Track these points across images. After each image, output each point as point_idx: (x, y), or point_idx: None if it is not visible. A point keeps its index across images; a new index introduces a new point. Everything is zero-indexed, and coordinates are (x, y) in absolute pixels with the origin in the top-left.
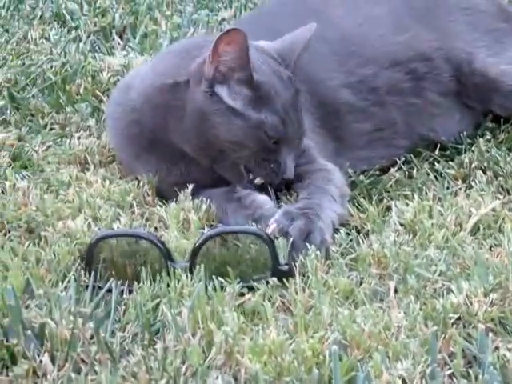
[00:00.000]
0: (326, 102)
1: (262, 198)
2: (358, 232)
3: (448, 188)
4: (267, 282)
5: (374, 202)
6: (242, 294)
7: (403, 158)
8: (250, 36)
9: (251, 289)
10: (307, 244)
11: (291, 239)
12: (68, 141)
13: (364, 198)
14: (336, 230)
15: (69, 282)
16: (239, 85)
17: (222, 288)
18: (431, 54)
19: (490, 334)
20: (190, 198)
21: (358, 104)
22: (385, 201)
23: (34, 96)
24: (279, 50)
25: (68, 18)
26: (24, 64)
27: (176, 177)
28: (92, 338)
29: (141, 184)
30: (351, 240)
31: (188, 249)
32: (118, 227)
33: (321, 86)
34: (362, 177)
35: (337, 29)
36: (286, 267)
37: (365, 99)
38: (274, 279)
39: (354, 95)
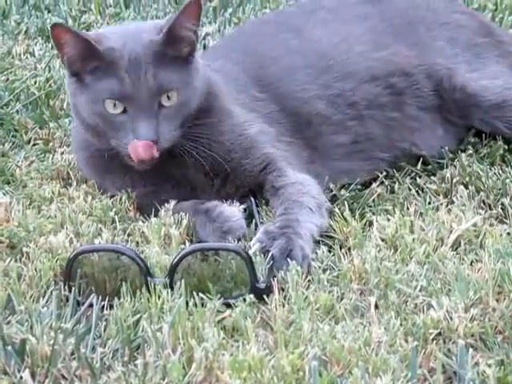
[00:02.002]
0: (298, 112)
1: (230, 211)
2: (341, 247)
3: (430, 203)
4: (244, 300)
5: (356, 217)
6: (222, 311)
7: (385, 173)
8: (231, 55)
9: (229, 305)
10: (288, 260)
11: (271, 256)
12: (51, 156)
13: (345, 211)
14: (317, 244)
15: (50, 297)
16: (89, 62)
17: (203, 304)
18: (411, 69)
19: (470, 350)
20: (170, 213)
21: (335, 117)
22: (367, 215)
23: (17, 111)
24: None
25: None
26: (8, 79)
27: (141, 187)
28: (73, 353)
29: (123, 199)
30: (333, 255)
31: (169, 264)
32: (99, 243)
33: (291, 97)
34: (343, 191)
35: (315, 45)
36: (263, 285)
37: (342, 113)
38: (252, 296)
39: (330, 108)
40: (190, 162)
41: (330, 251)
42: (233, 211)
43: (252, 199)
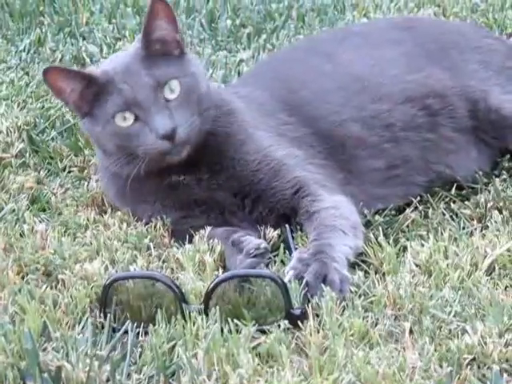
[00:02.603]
0: (331, 135)
1: (253, 244)
2: (375, 272)
3: (464, 228)
4: (279, 326)
5: (390, 243)
6: (257, 337)
7: (419, 198)
8: (260, 81)
9: (264, 332)
10: (323, 286)
11: (305, 281)
12: (86, 183)
13: (379, 237)
14: (353, 268)
15: (85, 324)
16: (90, 92)
17: (238, 330)
18: (445, 91)
19: (505, 375)
20: (205, 239)
21: (370, 139)
22: (401, 241)
23: (53, 139)
24: None
25: (87, 60)
26: (43, 107)
27: (172, 213)
28: (108, 380)
29: (157, 226)
30: (367, 279)
31: (204, 291)
32: (134, 269)
33: (323, 121)
34: (377, 216)
35: (347, 69)
36: (298, 311)
37: (378, 135)
38: (286, 322)
39: (365, 130)
40: (217, 183)
41: (365, 276)
42: (256, 244)
43: (286, 226)
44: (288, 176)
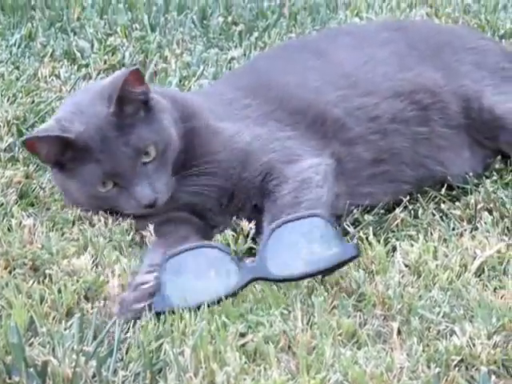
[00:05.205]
0: (306, 110)
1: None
2: (364, 271)
3: (453, 229)
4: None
5: (381, 242)
6: (244, 335)
7: (408, 197)
8: (235, 78)
9: (250, 327)
10: None
11: None
12: None
13: (369, 236)
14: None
15: (72, 319)
16: (65, 152)
17: (225, 327)
18: (437, 89)
19: (493, 377)
20: None
21: (356, 129)
22: (391, 241)
23: None
24: None
25: (78, 55)
26: (33, 101)
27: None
28: (94, 376)
29: None
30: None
31: None
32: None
33: (296, 98)
34: (367, 216)
35: (337, 66)
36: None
37: (364, 126)
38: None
39: (349, 118)
40: (197, 187)
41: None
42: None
43: None
44: (256, 164)
